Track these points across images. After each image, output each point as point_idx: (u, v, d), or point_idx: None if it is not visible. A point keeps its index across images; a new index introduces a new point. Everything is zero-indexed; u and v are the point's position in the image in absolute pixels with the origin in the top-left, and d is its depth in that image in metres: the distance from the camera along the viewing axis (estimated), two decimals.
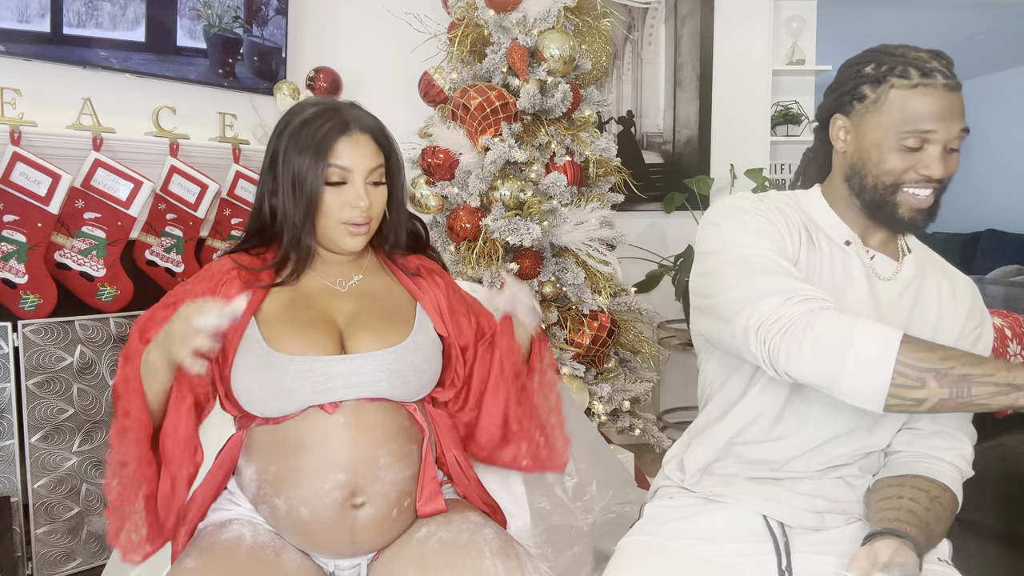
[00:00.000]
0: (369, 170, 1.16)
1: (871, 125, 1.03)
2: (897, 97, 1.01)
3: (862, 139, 1.05)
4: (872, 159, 1.03)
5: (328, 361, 1.09)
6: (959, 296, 1.14)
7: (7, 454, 1.96)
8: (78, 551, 2.07)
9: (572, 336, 2.42)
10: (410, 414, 1.15)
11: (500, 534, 1.10)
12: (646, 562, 1.10)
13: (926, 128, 1.00)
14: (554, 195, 2.35)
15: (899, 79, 1.01)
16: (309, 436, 1.08)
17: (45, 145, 2.07)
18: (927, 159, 1.01)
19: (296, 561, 1.10)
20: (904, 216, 1.04)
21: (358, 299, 1.19)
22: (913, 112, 1.00)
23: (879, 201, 1.05)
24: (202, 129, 2.46)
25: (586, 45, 2.65)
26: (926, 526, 1.02)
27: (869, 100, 1.04)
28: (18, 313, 2.01)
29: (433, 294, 1.24)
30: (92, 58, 2.18)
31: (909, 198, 1.03)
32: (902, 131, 1.01)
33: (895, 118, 1.01)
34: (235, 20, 2.49)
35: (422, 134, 2.55)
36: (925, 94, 1.00)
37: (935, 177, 1.01)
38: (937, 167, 1.01)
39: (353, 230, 1.16)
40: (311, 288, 1.19)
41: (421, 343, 1.17)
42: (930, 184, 1.02)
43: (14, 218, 2.00)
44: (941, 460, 1.10)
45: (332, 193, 1.14)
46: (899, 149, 1.02)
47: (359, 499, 1.08)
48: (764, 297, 0.97)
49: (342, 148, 1.15)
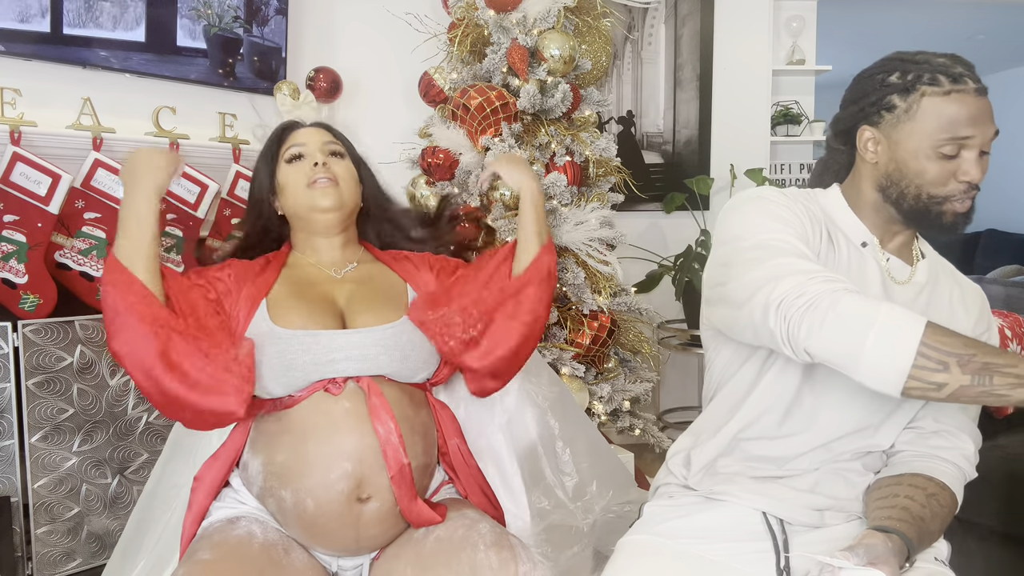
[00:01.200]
0: (323, 142, 1.29)
1: (905, 134, 1.04)
2: (931, 105, 1.02)
3: (896, 149, 1.05)
4: (912, 170, 1.04)
5: (330, 335, 1.14)
6: (969, 302, 1.16)
7: (7, 454, 1.96)
8: (78, 551, 2.07)
9: (572, 336, 2.42)
10: (412, 404, 1.17)
11: (495, 528, 1.11)
12: (644, 561, 1.10)
13: (963, 134, 1.01)
14: (554, 195, 2.35)
15: (930, 87, 1.02)
16: (315, 423, 1.10)
17: (45, 145, 2.07)
18: (965, 165, 1.02)
19: (303, 560, 1.11)
20: (948, 222, 1.05)
21: (355, 283, 1.25)
22: (949, 119, 1.01)
23: (922, 210, 1.06)
24: (202, 129, 2.46)
25: (586, 45, 2.65)
26: (920, 522, 1.02)
27: (900, 110, 1.04)
28: (18, 313, 2.01)
29: (409, 271, 1.31)
30: (92, 58, 2.18)
31: (955, 205, 1.04)
32: (939, 138, 1.01)
33: (931, 126, 1.01)
34: (235, 20, 2.49)
35: (422, 134, 2.55)
36: (959, 100, 1.01)
37: (975, 182, 1.02)
38: (975, 171, 1.02)
39: (319, 185, 1.23)
40: (311, 276, 1.25)
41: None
42: (972, 191, 1.03)
43: (14, 218, 2.00)
44: (942, 459, 1.11)
45: (293, 169, 1.27)
46: (936, 157, 1.02)
47: (365, 492, 1.09)
48: (787, 275, 0.96)
49: (294, 135, 1.31)
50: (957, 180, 1.02)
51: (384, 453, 1.09)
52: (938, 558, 1.08)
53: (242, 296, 1.17)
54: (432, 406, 1.24)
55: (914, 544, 1.00)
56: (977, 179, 1.02)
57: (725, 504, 1.13)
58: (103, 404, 2.12)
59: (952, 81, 1.01)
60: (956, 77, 1.01)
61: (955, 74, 1.01)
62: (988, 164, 1.05)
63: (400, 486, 1.10)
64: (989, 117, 1.02)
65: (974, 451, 1.13)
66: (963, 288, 1.17)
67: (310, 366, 1.11)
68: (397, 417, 1.12)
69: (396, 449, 1.09)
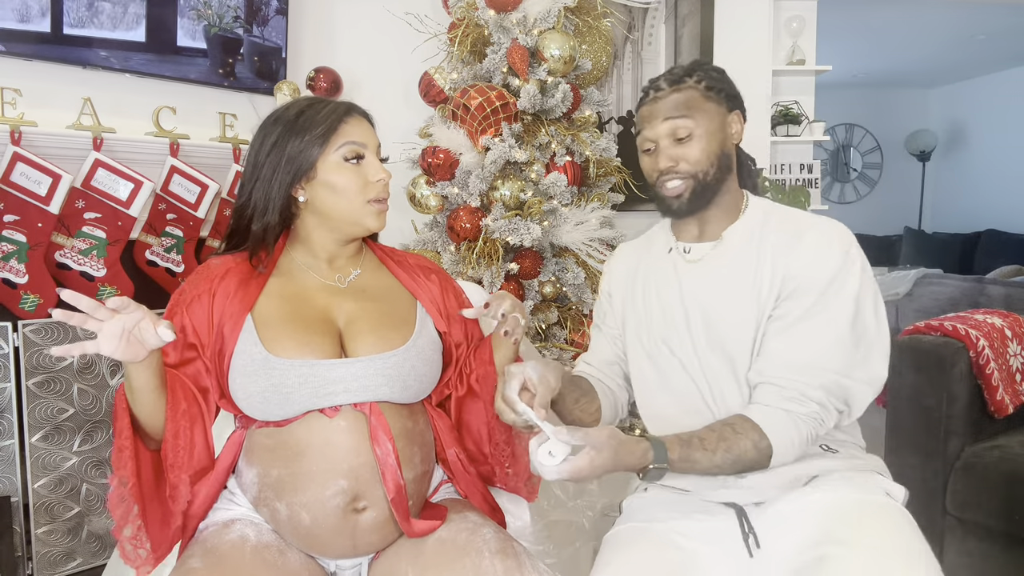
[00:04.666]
0: (377, 146, 1.18)
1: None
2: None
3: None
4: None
5: (328, 365, 1.08)
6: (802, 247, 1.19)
7: (7, 454, 1.96)
8: (78, 551, 2.07)
9: (572, 336, 2.42)
10: (411, 416, 1.15)
11: (499, 533, 1.10)
12: (629, 547, 1.13)
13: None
14: (554, 195, 2.35)
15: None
16: (310, 441, 1.07)
17: (45, 145, 2.07)
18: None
19: (299, 561, 1.09)
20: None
21: (358, 298, 1.17)
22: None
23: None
24: (202, 129, 2.46)
25: (586, 45, 2.65)
26: (696, 440, 1.09)
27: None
28: (18, 313, 2.01)
29: (429, 290, 1.23)
30: (92, 58, 2.18)
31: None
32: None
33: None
34: (235, 20, 2.49)
35: (422, 134, 2.55)
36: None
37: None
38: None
39: (378, 207, 1.15)
40: (308, 285, 1.16)
41: (423, 345, 1.16)
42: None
43: (14, 218, 2.00)
44: (761, 404, 1.14)
45: (352, 171, 1.13)
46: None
47: (361, 503, 1.08)
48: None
49: (351, 127, 1.14)
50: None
51: (382, 474, 1.07)
52: (890, 493, 1.11)
53: (225, 315, 1.09)
54: (430, 414, 1.21)
55: (669, 446, 1.06)
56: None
57: (688, 493, 1.21)
58: (103, 404, 2.12)
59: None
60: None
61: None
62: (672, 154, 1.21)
63: (398, 507, 1.08)
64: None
65: (818, 387, 1.13)
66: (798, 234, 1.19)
67: (307, 398, 1.06)
68: (396, 433, 1.09)
69: (394, 470, 1.07)
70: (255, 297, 1.12)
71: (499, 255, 2.32)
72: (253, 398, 1.07)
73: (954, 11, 4.92)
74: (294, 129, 1.12)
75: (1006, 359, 1.96)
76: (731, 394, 1.19)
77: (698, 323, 1.21)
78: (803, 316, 1.13)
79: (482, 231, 2.32)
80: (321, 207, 1.14)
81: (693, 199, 1.21)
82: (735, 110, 1.25)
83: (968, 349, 1.90)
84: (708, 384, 1.21)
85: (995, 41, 5.60)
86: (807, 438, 1.12)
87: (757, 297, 1.17)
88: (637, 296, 1.32)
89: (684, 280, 1.24)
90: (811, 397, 1.12)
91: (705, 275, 1.23)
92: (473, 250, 2.32)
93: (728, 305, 1.19)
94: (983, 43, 5.66)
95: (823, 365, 1.12)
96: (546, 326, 2.41)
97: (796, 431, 1.11)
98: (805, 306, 1.13)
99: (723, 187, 1.24)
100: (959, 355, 1.88)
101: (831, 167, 7.35)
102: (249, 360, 1.07)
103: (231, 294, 1.11)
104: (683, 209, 1.23)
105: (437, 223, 2.51)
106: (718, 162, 1.21)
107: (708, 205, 1.24)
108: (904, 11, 4.89)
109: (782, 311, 1.15)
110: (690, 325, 1.22)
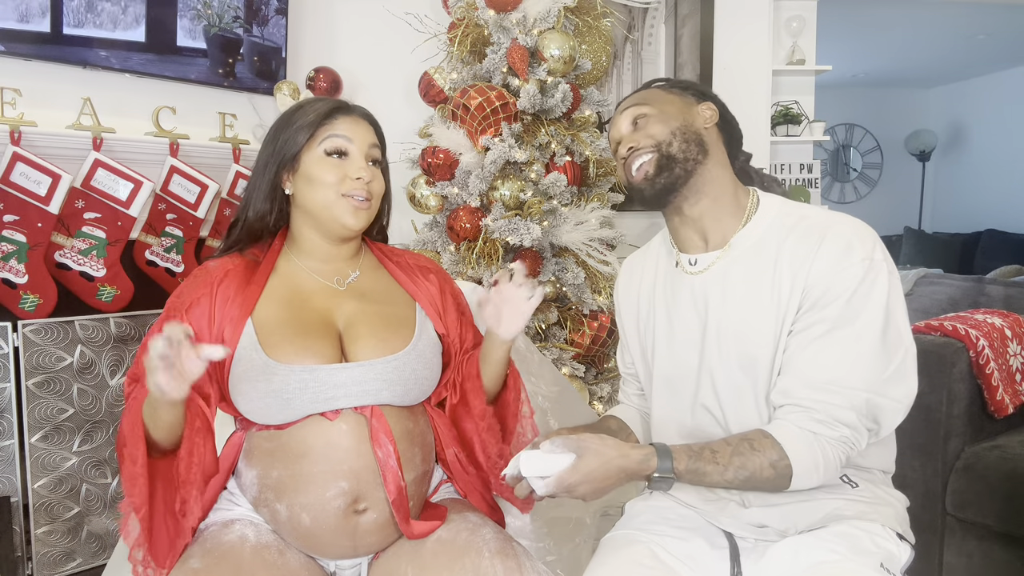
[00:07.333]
0: (369, 145, 1.16)
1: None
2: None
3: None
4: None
5: (329, 370, 1.07)
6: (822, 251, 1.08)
7: (7, 454, 1.96)
8: (78, 551, 2.07)
9: (572, 336, 2.42)
10: (411, 417, 1.15)
11: (499, 533, 1.10)
12: (618, 554, 1.12)
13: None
14: (554, 195, 2.35)
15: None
16: (311, 444, 1.07)
17: (45, 145, 2.07)
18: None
19: (299, 560, 1.09)
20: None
21: (357, 300, 1.16)
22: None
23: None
24: (202, 129, 2.46)
25: (586, 45, 2.65)
26: (707, 451, 1.04)
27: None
28: (18, 313, 2.01)
29: (428, 291, 1.23)
30: (92, 58, 2.18)
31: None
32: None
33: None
34: (235, 20, 2.49)
35: (422, 134, 2.55)
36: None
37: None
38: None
39: (356, 204, 1.13)
40: (307, 287, 1.16)
41: (423, 348, 1.16)
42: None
43: (14, 218, 2.00)
44: (785, 421, 1.06)
45: (333, 165, 1.13)
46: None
47: (361, 505, 1.08)
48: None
49: (341, 122, 1.15)
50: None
51: (383, 476, 1.07)
52: (885, 565, 1.02)
53: (225, 319, 1.09)
54: (429, 414, 1.21)
55: (676, 456, 1.02)
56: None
57: (691, 508, 1.18)
58: (103, 404, 2.12)
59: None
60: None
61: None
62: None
63: (399, 509, 1.08)
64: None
65: (846, 406, 1.04)
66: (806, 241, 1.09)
67: (308, 403, 1.06)
68: (397, 434, 1.09)
69: (395, 472, 1.07)
70: (255, 300, 1.11)
71: (499, 255, 2.32)
72: (253, 403, 1.07)
73: (954, 11, 4.92)
74: (289, 121, 1.15)
75: (1006, 359, 1.95)
76: (749, 416, 1.11)
77: (712, 340, 1.13)
78: (828, 329, 1.03)
79: (482, 231, 2.32)
80: (303, 201, 1.15)
81: (659, 174, 1.13)
82: (705, 101, 1.21)
83: (968, 349, 1.90)
84: (721, 407, 1.13)
85: (995, 41, 5.60)
86: (835, 464, 1.04)
87: (776, 309, 1.07)
88: (644, 314, 1.26)
89: (694, 294, 1.16)
90: (841, 420, 1.02)
91: (716, 287, 1.14)
92: (473, 250, 2.32)
93: (744, 319, 1.10)
94: (983, 43, 5.66)
95: (852, 384, 1.02)
96: (546, 326, 2.41)
97: (822, 455, 1.02)
98: (830, 318, 1.03)
99: (698, 169, 1.15)
100: (959, 355, 1.88)
101: (831, 167, 7.35)
102: (249, 365, 1.07)
103: (231, 297, 1.11)
104: (657, 189, 1.13)
105: (437, 223, 2.51)
106: (682, 135, 1.14)
107: (684, 186, 1.14)
108: (904, 11, 4.89)
109: (804, 324, 1.05)
110: (704, 342, 1.14)
